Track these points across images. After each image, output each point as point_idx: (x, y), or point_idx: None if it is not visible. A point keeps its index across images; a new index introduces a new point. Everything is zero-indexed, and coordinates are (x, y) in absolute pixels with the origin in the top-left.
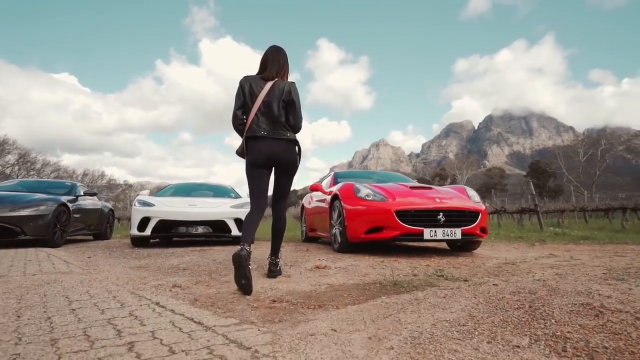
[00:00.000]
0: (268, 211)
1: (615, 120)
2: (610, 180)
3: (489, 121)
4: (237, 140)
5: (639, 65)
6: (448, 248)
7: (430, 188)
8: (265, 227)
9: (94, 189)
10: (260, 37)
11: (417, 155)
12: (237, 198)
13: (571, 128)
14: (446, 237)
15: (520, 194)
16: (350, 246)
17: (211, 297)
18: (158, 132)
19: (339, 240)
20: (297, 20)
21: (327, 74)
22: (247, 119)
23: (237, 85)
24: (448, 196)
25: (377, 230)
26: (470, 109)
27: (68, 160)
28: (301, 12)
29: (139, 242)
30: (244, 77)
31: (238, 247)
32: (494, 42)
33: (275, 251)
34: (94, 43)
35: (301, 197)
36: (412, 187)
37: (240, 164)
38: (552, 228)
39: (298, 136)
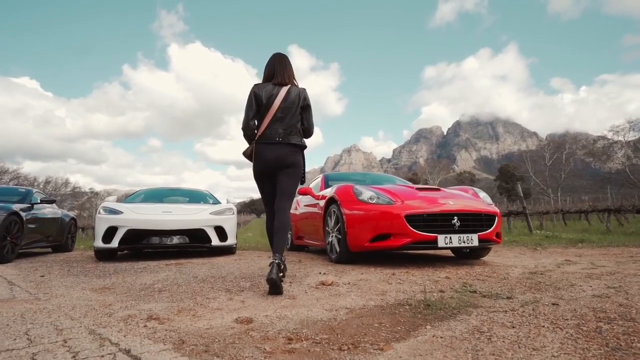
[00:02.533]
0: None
1: (575, 126)
2: (574, 183)
3: (457, 127)
4: (208, 147)
5: (594, 74)
6: (452, 255)
7: (438, 189)
8: (242, 231)
9: (57, 197)
10: (231, 42)
11: (389, 161)
12: (216, 204)
13: (535, 133)
14: (462, 244)
15: (491, 197)
16: (350, 256)
17: (203, 336)
18: (125, 138)
19: (338, 250)
20: (268, 26)
21: (299, 80)
22: (260, 124)
23: (238, 94)
24: (460, 198)
25: (383, 238)
26: (439, 115)
27: (29, 168)
28: (272, 18)
29: (104, 256)
30: (255, 85)
31: (269, 266)
32: (460, 50)
33: (278, 250)
34: (57, 47)
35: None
36: (419, 189)
37: (211, 170)
38: (538, 231)
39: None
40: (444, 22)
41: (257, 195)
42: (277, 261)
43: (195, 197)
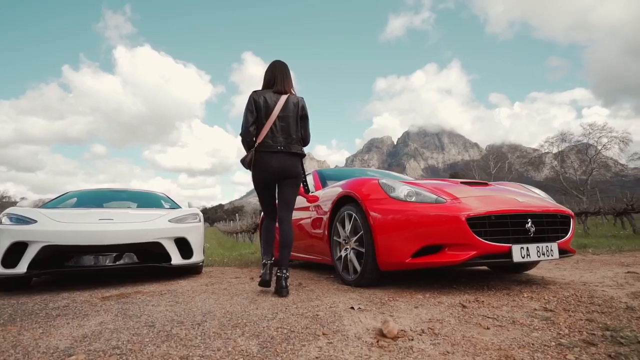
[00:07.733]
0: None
1: (511, 138)
2: None
3: (406, 137)
4: (158, 154)
5: (526, 91)
6: (486, 269)
7: (487, 184)
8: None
9: None
10: (183, 47)
11: None
12: (175, 208)
13: (476, 144)
14: (541, 257)
15: None
16: (378, 276)
17: None
18: (66, 144)
19: (359, 269)
20: (222, 32)
21: (253, 87)
22: (259, 132)
23: (247, 99)
24: (524, 195)
25: (432, 251)
26: (390, 125)
27: None
28: (226, 24)
29: (7, 286)
30: (255, 91)
31: (261, 269)
32: (409, 64)
33: (284, 263)
34: None
35: (228, 212)
36: (465, 183)
37: (162, 178)
38: None
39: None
40: (394, 37)
41: (209, 203)
42: (285, 275)
43: (147, 200)
